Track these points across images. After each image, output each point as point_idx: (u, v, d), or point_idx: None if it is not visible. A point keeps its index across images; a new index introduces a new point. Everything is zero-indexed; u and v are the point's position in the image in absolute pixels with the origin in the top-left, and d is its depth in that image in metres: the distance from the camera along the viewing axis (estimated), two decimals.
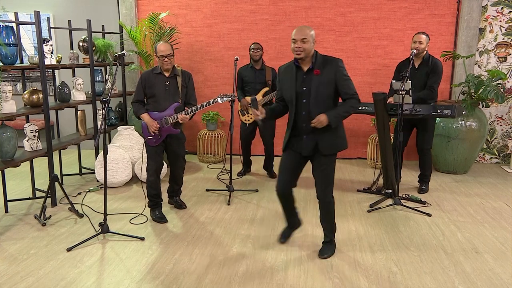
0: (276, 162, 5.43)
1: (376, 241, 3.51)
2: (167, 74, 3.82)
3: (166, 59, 3.73)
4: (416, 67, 4.44)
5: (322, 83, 2.98)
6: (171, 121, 3.80)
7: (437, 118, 5.20)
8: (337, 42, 5.82)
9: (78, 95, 4.84)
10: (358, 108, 3.18)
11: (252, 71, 4.92)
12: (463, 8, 5.55)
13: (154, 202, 3.95)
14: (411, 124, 4.60)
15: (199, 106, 3.84)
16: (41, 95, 4.12)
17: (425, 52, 4.41)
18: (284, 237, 3.49)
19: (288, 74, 3.08)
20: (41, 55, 4.03)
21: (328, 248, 3.29)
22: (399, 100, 3.98)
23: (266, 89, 4.87)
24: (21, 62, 4.32)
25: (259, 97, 4.90)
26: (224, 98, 3.87)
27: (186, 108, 3.85)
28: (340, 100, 3.10)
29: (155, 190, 3.92)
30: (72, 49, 5.19)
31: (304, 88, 3.01)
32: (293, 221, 3.45)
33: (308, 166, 3.21)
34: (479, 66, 5.69)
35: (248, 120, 5.03)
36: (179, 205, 4.20)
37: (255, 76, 4.90)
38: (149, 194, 3.92)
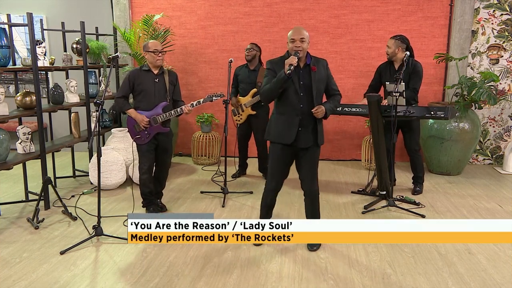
0: None
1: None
2: (155, 72, 3.85)
3: (160, 54, 3.77)
4: (396, 69, 4.51)
5: (319, 80, 3.18)
6: (160, 120, 3.81)
7: (430, 120, 5.25)
8: (331, 44, 5.83)
9: (72, 97, 4.81)
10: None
11: (246, 71, 4.93)
12: (455, 11, 5.59)
13: (148, 200, 3.95)
14: (397, 126, 4.61)
15: (201, 100, 3.92)
16: (34, 97, 4.09)
17: (404, 55, 4.33)
18: None
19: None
20: (34, 57, 4.00)
21: None
22: (393, 101, 4.01)
23: (254, 90, 4.86)
24: (14, 64, 4.29)
25: (248, 98, 4.89)
26: (214, 98, 3.97)
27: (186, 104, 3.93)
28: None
29: (148, 187, 3.92)
30: (65, 51, 5.16)
31: (302, 83, 3.15)
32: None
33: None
34: (471, 68, 5.73)
35: (239, 121, 5.03)
36: (160, 208, 4.14)
37: (247, 76, 4.91)
38: (142, 193, 3.92)
